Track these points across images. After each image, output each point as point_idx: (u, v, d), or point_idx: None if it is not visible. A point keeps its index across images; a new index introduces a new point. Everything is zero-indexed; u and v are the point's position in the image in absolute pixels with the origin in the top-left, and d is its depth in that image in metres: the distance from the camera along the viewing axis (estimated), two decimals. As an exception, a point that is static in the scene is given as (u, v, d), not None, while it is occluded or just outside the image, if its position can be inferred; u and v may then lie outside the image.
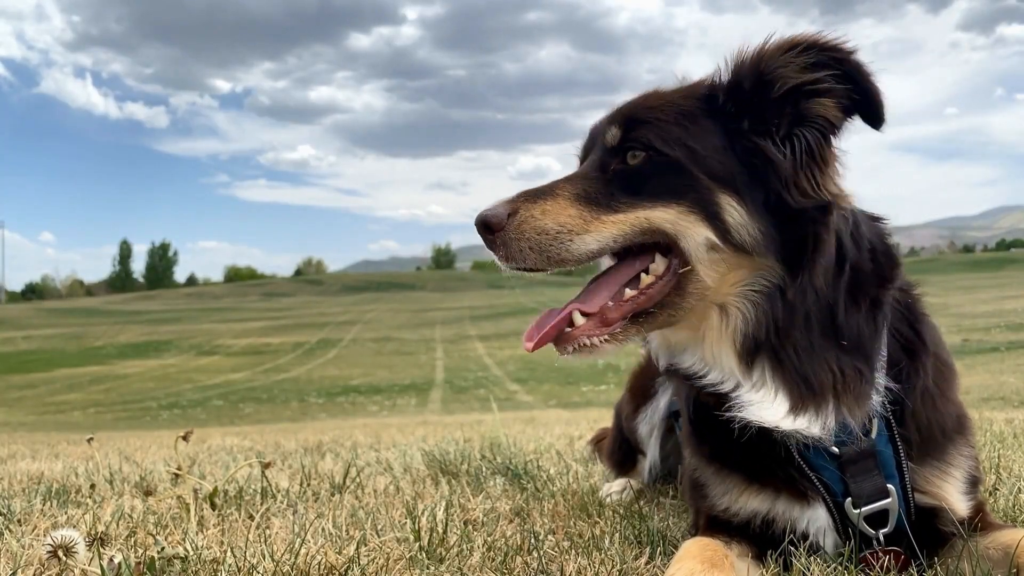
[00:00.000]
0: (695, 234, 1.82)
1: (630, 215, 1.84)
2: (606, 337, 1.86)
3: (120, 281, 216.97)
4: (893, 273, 1.98)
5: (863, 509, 1.92)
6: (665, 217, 1.83)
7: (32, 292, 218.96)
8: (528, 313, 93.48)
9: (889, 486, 1.93)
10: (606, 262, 2.00)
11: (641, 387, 3.15)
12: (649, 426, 3.09)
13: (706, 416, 2.01)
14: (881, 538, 1.93)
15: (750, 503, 2.00)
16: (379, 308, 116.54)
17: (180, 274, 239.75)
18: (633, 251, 1.90)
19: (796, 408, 1.84)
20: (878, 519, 1.94)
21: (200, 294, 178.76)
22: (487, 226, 1.85)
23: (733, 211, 1.82)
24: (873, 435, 1.93)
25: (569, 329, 1.87)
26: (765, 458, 1.95)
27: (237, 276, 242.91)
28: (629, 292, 1.89)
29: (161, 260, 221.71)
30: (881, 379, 1.93)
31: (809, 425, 1.85)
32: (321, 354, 66.60)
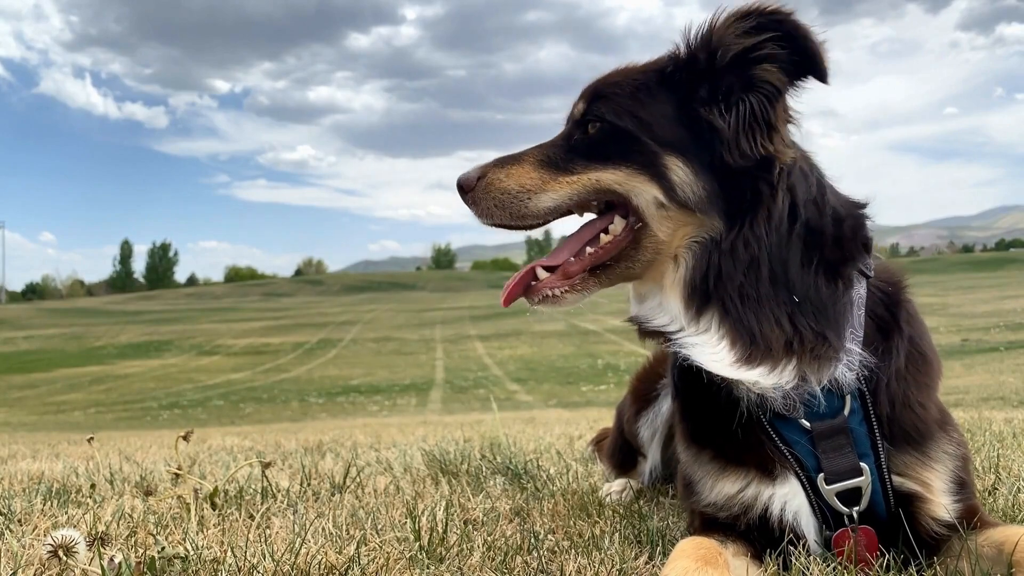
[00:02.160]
0: (644, 192, 2.00)
1: (583, 176, 2.05)
2: (566, 288, 2.08)
3: (121, 281, 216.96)
4: (856, 247, 2.04)
5: (836, 486, 1.96)
6: (614, 178, 2.03)
7: (33, 292, 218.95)
8: (528, 313, 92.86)
9: (863, 464, 1.96)
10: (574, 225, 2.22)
11: (644, 390, 3.16)
12: (651, 430, 3.10)
13: (690, 385, 2.12)
14: (855, 515, 1.95)
15: (725, 487, 2.04)
16: (379, 308, 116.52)
17: (180, 274, 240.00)
18: (595, 213, 2.13)
19: (745, 359, 1.92)
20: (852, 498, 1.96)
21: (200, 294, 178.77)
22: (461, 187, 2.13)
23: (678, 171, 1.99)
24: (846, 412, 1.97)
25: (534, 283, 2.10)
26: (741, 432, 2.01)
27: (237, 276, 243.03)
28: (589, 249, 2.09)
29: (162, 260, 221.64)
30: (855, 353, 1.97)
31: (760, 378, 1.92)
32: (321, 354, 66.58)
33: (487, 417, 13.19)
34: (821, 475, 1.96)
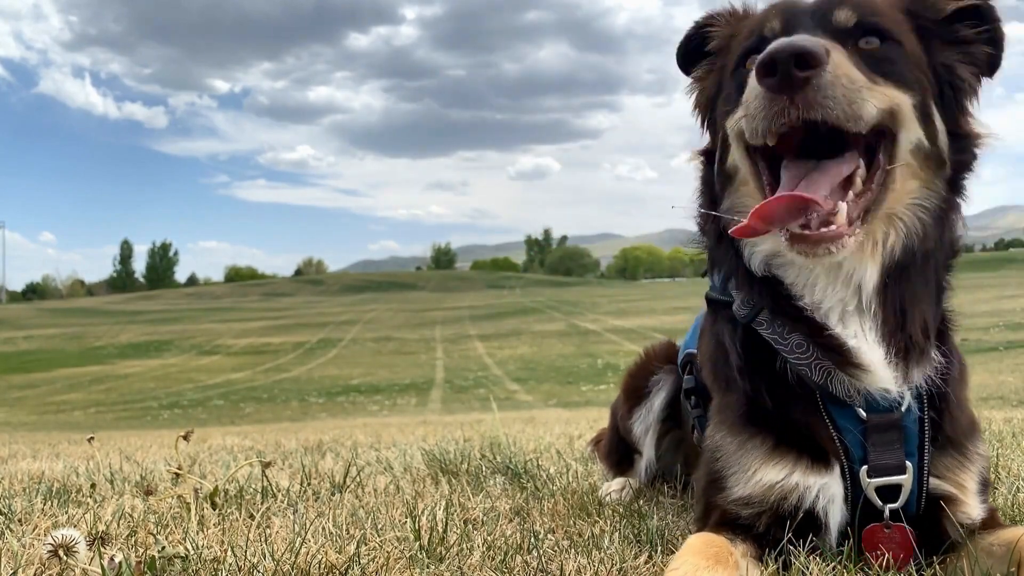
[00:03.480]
0: (913, 130, 1.80)
1: (887, 91, 1.75)
2: (853, 233, 1.71)
3: (121, 281, 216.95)
4: (959, 249, 2.02)
5: (877, 480, 1.90)
6: (903, 104, 1.78)
7: (33, 292, 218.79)
8: (528, 313, 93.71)
9: (907, 463, 1.91)
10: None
11: (635, 387, 3.14)
12: (644, 426, 3.09)
13: (753, 362, 2.01)
14: (888, 512, 1.91)
15: (768, 474, 1.94)
16: (379, 308, 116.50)
17: (181, 274, 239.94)
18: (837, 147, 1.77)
19: (893, 355, 1.85)
20: (889, 495, 1.92)
21: (200, 294, 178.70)
22: (805, 59, 1.59)
23: (937, 118, 1.85)
24: (903, 407, 1.91)
25: (830, 227, 1.68)
26: (799, 414, 1.94)
27: (237, 276, 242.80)
28: (851, 193, 1.75)
29: (162, 260, 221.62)
30: (934, 353, 1.94)
31: (892, 380, 1.86)
32: (321, 354, 66.57)
33: (487, 417, 13.19)
34: (864, 468, 1.91)
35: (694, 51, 2.26)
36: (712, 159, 2.11)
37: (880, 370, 1.86)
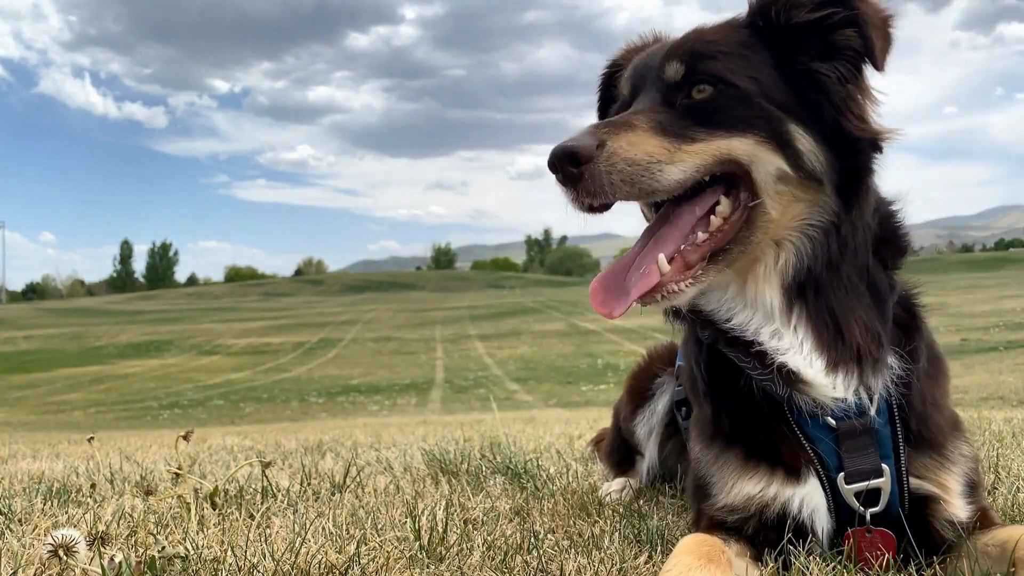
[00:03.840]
0: (768, 163, 1.82)
1: (710, 145, 1.81)
2: (690, 281, 1.82)
3: (121, 281, 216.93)
4: (899, 246, 2.00)
5: (855, 486, 1.92)
6: (742, 147, 1.81)
7: (33, 292, 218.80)
8: (528, 313, 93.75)
9: (884, 466, 1.92)
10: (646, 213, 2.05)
11: (639, 388, 3.14)
12: (647, 428, 3.09)
13: (717, 380, 2.04)
14: (868, 516, 1.92)
15: (746, 487, 1.98)
16: (379, 308, 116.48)
17: (181, 274, 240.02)
18: (689, 191, 1.86)
19: (832, 364, 1.85)
20: (870, 499, 1.93)
21: (200, 294, 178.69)
22: (574, 158, 1.75)
23: (803, 139, 1.82)
24: (872, 412, 1.92)
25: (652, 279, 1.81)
26: (765, 429, 1.96)
27: (237, 276, 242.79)
28: (701, 234, 1.85)
29: (162, 260, 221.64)
30: (890, 355, 1.93)
31: (839, 386, 1.86)
32: (321, 354, 66.56)
33: (487, 417, 13.19)
34: (841, 475, 1.92)
35: (603, 98, 2.37)
36: None
37: (821, 381, 1.87)
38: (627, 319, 2.07)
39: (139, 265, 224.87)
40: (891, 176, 1.97)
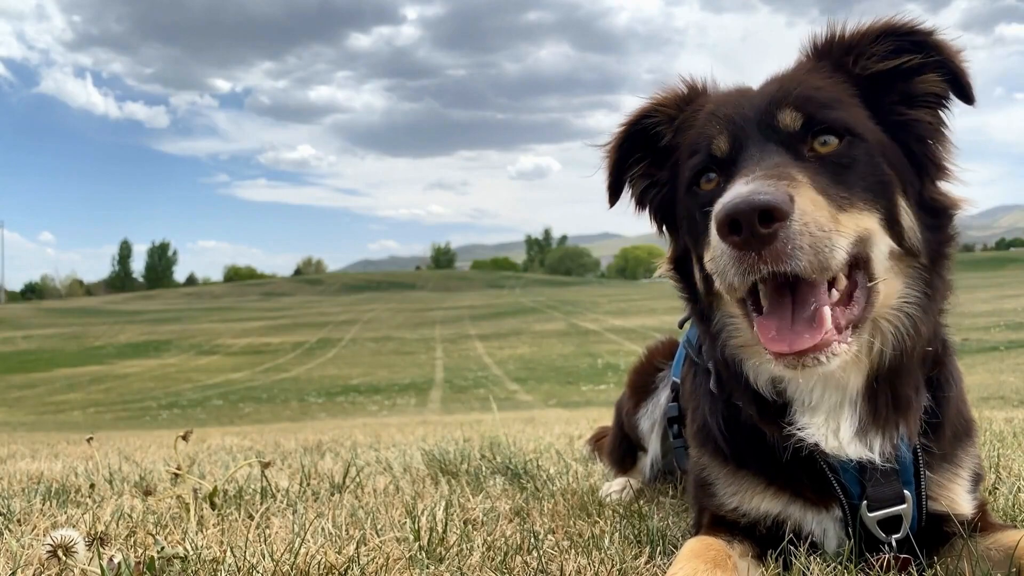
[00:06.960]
0: (883, 244, 1.66)
1: (855, 218, 1.59)
2: (846, 345, 1.60)
3: (120, 281, 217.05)
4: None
5: (878, 513, 1.90)
6: (872, 228, 1.62)
7: (32, 292, 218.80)
8: (528, 313, 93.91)
9: (905, 492, 1.91)
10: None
11: (642, 383, 3.16)
12: (650, 421, 3.09)
13: (734, 430, 2.01)
14: (893, 543, 1.90)
15: (764, 504, 1.98)
16: (379, 308, 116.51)
17: (180, 274, 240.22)
18: None
19: (861, 433, 1.80)
20: (890, 524, 1.92)
21: (200, 294, 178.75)
22: (769, 214, 1.45)
23: (905, 212, 1.68)
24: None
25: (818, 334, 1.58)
26: (787, 462, 1.93)
27: (237, 276, 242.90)
28: (841, 307, 1.64)
29: (161, 260, 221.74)
30: (925, 396, 1.90)
31: (864, 452, 1.83)
32: (321, 354, 66.57)
33: (487, 417, 13.19)
34: (864, 503, 1.91)
35: (626, 151, 2.06)
36: (682, 264, 2.01)
37: (847, 452, 1.82)
38: (627, 319, 2.05)
39: (138, 265, 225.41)
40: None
